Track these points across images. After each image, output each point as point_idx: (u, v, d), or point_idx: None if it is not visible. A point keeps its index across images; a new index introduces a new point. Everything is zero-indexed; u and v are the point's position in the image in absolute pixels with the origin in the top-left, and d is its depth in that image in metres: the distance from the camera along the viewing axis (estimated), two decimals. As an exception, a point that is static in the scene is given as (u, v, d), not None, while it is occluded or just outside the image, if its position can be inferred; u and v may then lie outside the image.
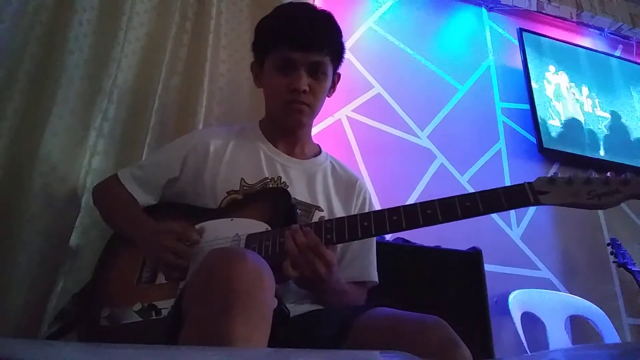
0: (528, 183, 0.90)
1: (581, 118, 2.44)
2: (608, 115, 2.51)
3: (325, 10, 1.19)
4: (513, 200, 0.90)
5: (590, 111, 2.48)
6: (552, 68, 2.50)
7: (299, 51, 1.10)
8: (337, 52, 1.18)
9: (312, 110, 1.17)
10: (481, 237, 1.79)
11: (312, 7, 1.22)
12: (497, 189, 0.91)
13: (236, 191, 1.10)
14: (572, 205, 0.88)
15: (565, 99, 2.45)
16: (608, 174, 0.88)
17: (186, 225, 1.02)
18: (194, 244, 0.98)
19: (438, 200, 0.93)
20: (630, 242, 2.12)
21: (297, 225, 0.94)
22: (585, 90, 2.54)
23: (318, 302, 1.04)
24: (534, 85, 2.36)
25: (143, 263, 1.03)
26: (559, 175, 0.90)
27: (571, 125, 2.39)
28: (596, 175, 0.89)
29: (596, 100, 2.53)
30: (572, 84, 2.52)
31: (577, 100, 2.49)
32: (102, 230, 1.23)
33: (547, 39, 2.57)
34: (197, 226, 1.03)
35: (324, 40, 1.13)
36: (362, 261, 1.16)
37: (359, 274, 1.15)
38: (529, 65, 2.40)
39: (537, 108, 2.30)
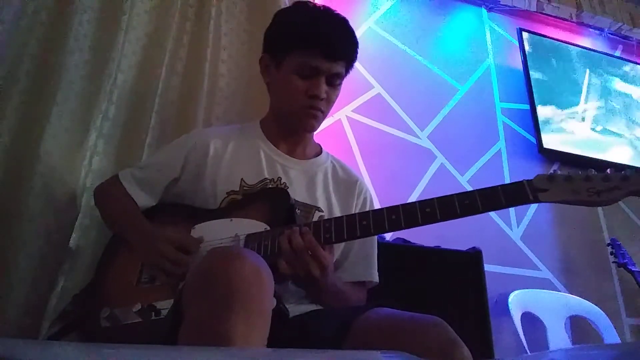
0: (527, 180, 0.90)
1: None
2: None
3: (344, 17, 1.17)
4: (512, 198, 0.89)
5: None
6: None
7: (329, 60, 1.09)
8: (353, 62, 1.19)
9: (325, 116, 1.18)
10: (481, 237, 1.79)
11: (337, 14, 1.16)
12: (495, 186, 0.91)
13: (236, 191, 1.10)
14: (572, 202, 0.87)
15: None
16: (608, 170, 0.88)
17: (186, 233, 1.02)
18: (192, 254, 0.97)
19: (437, 198, 0.92)
20: (630, 242, 2.11)
21: (297, 227, 0.94)
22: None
23: (316, 303, 1.04)
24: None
25: (143, 264, 1.03)
26: (559, 172, 0.89)
27: None
28: (595, 172, 0.88)
29: None
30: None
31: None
32: (102, 230, 1.23)
33: (547, 39, 2.57)
34: (196, 227, 1.03)
35: (351, 52, 1.14)
36: (364, 262, 1.16)
37: (360, 274, 1.15)
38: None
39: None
